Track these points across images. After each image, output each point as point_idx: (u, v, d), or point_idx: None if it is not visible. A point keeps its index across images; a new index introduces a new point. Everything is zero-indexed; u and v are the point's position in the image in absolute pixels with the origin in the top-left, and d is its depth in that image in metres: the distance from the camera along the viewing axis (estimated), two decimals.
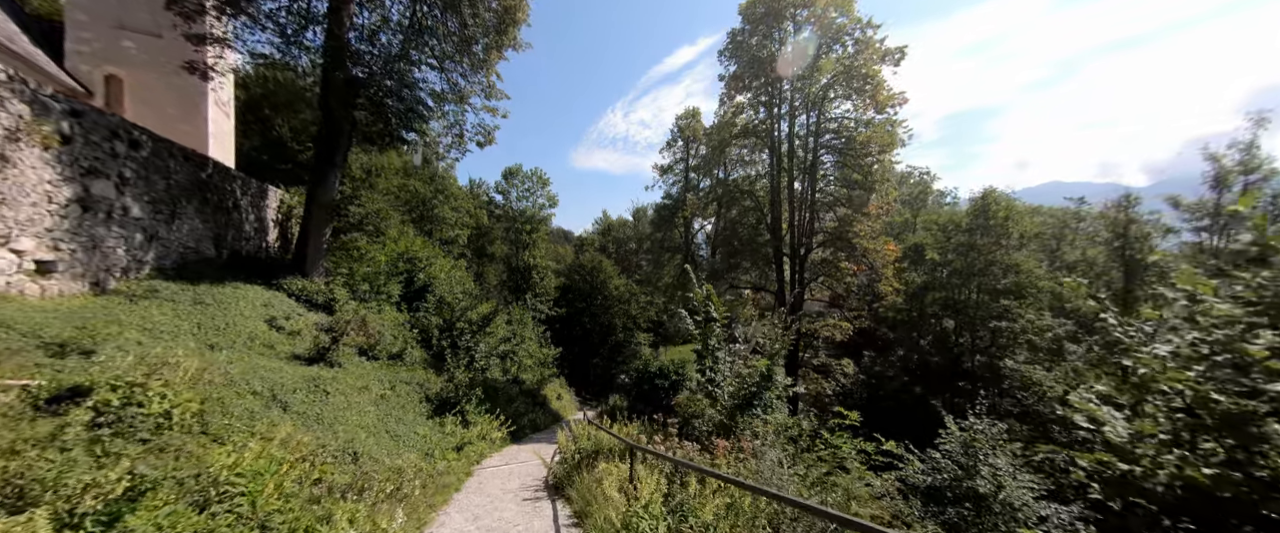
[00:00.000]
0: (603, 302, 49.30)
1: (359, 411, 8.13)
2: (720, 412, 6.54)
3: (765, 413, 6.57)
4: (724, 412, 6.46)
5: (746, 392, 6.60)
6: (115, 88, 17.11)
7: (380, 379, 9.80)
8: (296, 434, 5.11)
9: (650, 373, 12.62)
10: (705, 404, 7.83)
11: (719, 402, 6.78)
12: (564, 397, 25.34)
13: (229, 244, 11.61)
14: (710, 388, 7.09)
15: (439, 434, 9.36)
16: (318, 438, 6.10)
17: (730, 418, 6.44)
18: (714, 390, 7.00)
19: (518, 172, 44.81)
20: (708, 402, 6.97)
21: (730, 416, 6.46)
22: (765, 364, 6.61)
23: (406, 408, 9.53)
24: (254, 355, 8.14)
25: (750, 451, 5.45)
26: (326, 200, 11.66)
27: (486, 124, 16.77)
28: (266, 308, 9.96)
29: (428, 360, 13.35)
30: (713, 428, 6.63)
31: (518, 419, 13.85)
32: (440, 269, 18.23)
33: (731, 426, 6.42)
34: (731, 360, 7.18)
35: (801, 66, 20.22)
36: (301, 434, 5.24)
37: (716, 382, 6.93)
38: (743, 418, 6.41)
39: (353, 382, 8.87)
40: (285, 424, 5.60)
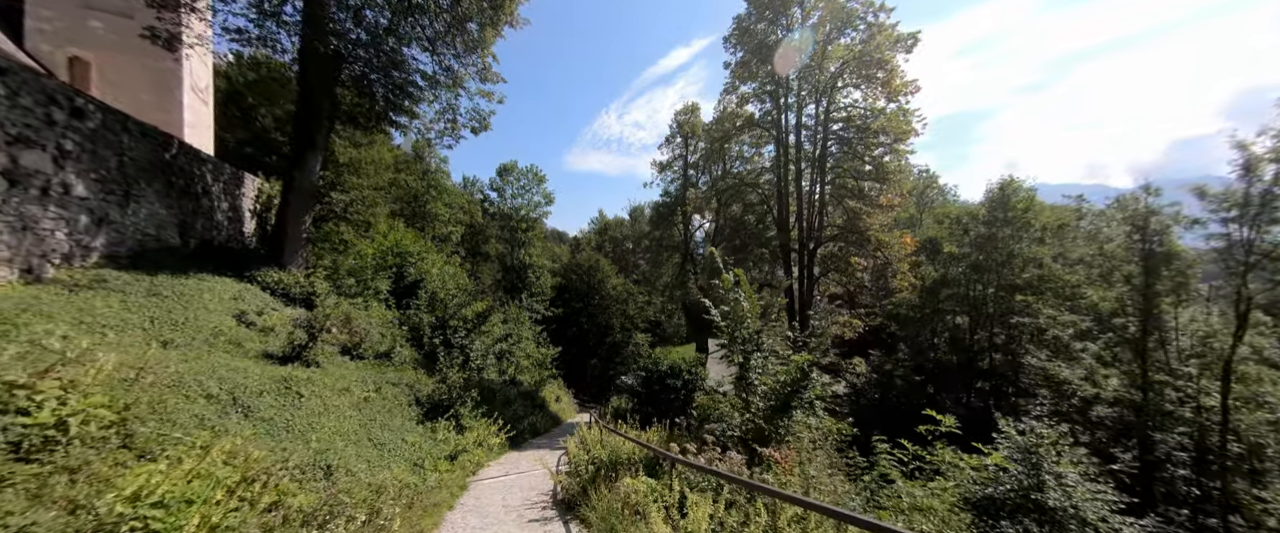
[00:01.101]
0: (600, 302, 48.40)
1: (338, 416, 7.13)
2: (755, 415, 5.65)
3: (805, 416, 5.68)
4: (761, 415, 5.57)
5: (783, 392, 5.72)
6: (81, 71, 15.93)
7: (364, 380, 8.79)
8: (248, 446, 4.12)
9: (660, 372, 11.67)
10: (728, 407, 6.93)
11: (752, 404, 5.88)
12: (563, 398, 24.35)
13: (198, 233, 10.56)
14: (741, 388, 6.18)
15: (430, 441, 8.37)
16: (281, 450, 5.11)
17: (768, 422, 5.55)
18: (745, 391, 6.10)
19: (513, 168, 43.76)
20: (738, 404, 6.07)
21: (768, 419, 5.57)
22: (806, 359, 5.73)
23: (394, 412, 8.53)
24: (217, 353, 7.12)
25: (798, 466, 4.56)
26: (306, 185, 10.63)
27: (481, 109, 15.80)
28: (236, 302, 8.94)
29: (419, 361, 12.34)
30: (745, 434, 5.73)
31: (516, 423, 12.87)
32: (432, 264, 17.22)
33: (767, 431, 5.53)
34: (764, 357, 6.29)
35: (810, 53, 19.43)
36: (254, 446, 4.25)
37: (749, 381, 6.04)
38: (782, 422, 5.51)
39: (332, 383, 7.87)
40: (239, 433, 4.61)
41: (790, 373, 5.75)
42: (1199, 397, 16.56)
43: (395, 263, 15.33)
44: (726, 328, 6.33)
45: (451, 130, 15.70)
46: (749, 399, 6.04)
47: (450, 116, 15.31)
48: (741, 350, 6.20)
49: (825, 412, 5.94)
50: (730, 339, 6.37)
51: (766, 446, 5.43)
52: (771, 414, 5.61)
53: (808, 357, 5.78)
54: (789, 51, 19.62)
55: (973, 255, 18.36)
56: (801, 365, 5.77)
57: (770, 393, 5.91)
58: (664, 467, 5.25)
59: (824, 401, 5.87)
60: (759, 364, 6.13)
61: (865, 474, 5.36)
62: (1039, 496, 6.37)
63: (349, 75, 11.91)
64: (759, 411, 5.69)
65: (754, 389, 6.03)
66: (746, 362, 6.13)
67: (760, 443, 5.76)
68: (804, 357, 5.76)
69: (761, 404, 5.80)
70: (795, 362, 5.77)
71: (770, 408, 5.66)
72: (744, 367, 6.15)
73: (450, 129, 15.69)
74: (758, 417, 5.64)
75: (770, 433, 5.46)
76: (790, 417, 5.62)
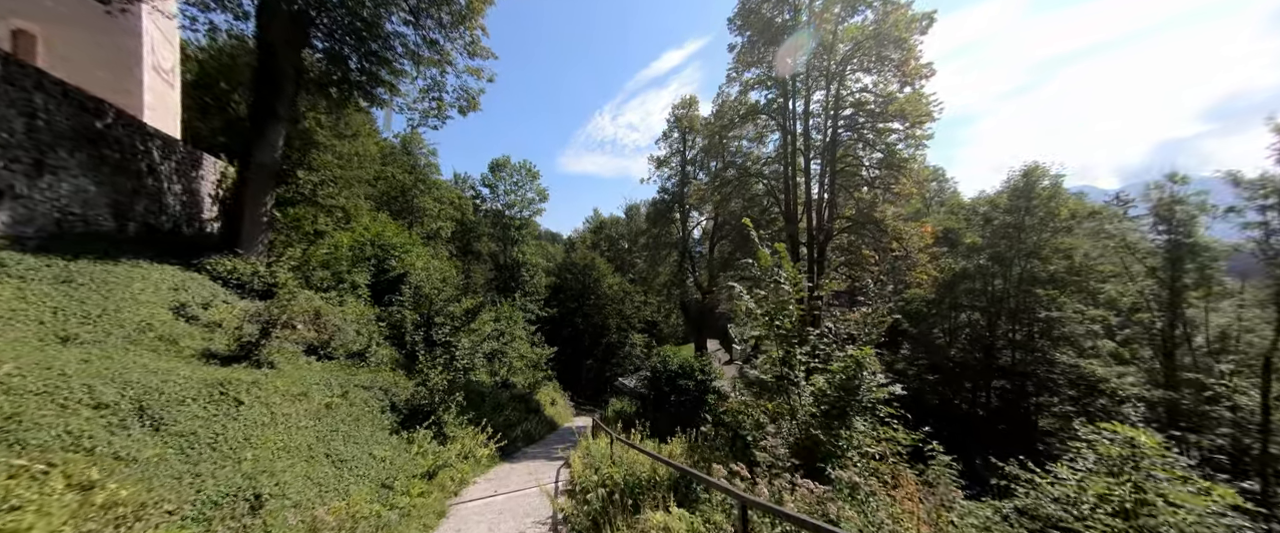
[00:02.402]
0: (596, 301, 47.20)
1: (287, 427, 5.85)
2: (808, 423, 4.47)
3: (868, 425, 4.50)
4: (817, 423, 4.39)
5: (836, 395, 4.55)
6: (25, 44, 14.42)
7: (328, 384, 7.50)
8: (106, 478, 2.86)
9: (669, 372, 10.47)
10: (759, 414, 5.75)
11: (799, 410, 4.70)
12: (558, 402, 23.05)
13: (139, 216, 9.21)
14: (781, 390, 5.01)
15: (404, 455, 7.10)
16: (189, 476, 3.85)
17: (825, 430, 4.38)
18: (787, 394, 4.92)
19: (506, 164, 42.38)
20: (781, 409, 4.89)
21: (825, 428, 4.39)
22: (868, 353, 4.57)
23: (362, 421, 7.25)
24: (138, 352, 5.82)
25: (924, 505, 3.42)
26: (266, 161, 9.32)
27: (470, 88, 14.55)
28: (176, 292, 7.62)
29: (399, 361, 11.04)
30: (793, 447, 4.56)
31: (508, 430, 11.60)
32: (417, 257, 15.89)
33: (824, 445, 4.36)
34: (809, 351, 5.11)
35: (820, 35, 18.34)
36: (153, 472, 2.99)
37: (794, 380, 4.87)
38: (843, 432, 4.35)
39: (286, 387, 6.57)
40: (132, 455, 3.35)
41: (846, 369, 4.60)
42: (1234, 396, 15.69)
43: (375, 255, 13.99)
44: (763, 317, 5.17)
45: (437, 110, 14.43)
46: (796, 404, 4.86)
47: (436, 94, 14.06)
48: (783, 344, 5.03)
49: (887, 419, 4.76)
50: (766, 330, 5.21)
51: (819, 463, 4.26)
52: (828, 423, 4.45)
53: (869, 350, 4.63)
54: (797, 33, 18.53)
55: (995, 246, 17.32)
56: (859, 359, 4.61)
57: (821, 396, 4.74)
58: (698, 492, 4.06)
59: (890, 404, 4.73)
60: (806, 360, 4.96)
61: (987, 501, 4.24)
62: (1151, 522, 5.20)
63: (320, 42, 10.63)
64: (815, 418, 4.51)
65: (801, 391, 4.85)
66: (789, 357, 4.96)
67: (810, 459, 4.58)
68: (867, 349, 4.61)
69: (815, 410, 4.61)
70: (854, 356, 4.61)
71: (825, 414, 4.50)
72: (787, 363, 4.98)
73: (436, 109, 14.41)
74: (812, 426, 4.47)
75: (828, 447, 4.29)
76: (849, 426, 4.46)
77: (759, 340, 5.54)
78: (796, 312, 5.16)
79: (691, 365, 10.24)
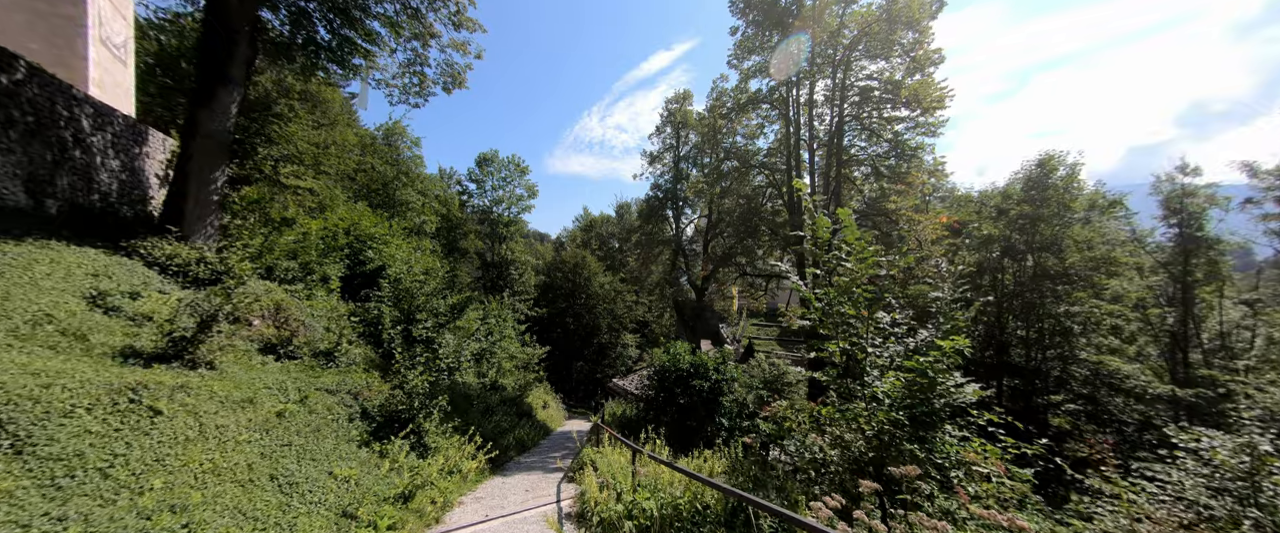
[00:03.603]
0: (587, 301, 46.08)
1: (221, 442, 4.65)
2: (887, 431, 3.46)
3: (968, 439, 3.52)
4: (905, 433, 3.39)
5: (919, 397, 3.56)
6: None
7: (283, 388, 6.28)
8: None
9: (680, 372, 9.39)
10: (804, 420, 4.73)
11: (874, 414, 3.68)
12: (551, 404, 21.85)
13: (62, 193, 7.84)
14: (843, 390, 4.00)
15: (375, 473, 5.92)
16: (16, 528, 2.68)
17: (914, 439, 3.40)
18: (856, 392, 3.90)
19: (493, 158, 40.94)
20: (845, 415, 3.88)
21: (915, 438, 3.41)
22: (963, 343, 3.59)
23: (323, 432, 6.04)
24: (29, 349, 4.57)
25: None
26: (216, 130, 8.03)
27: (455, 63, 13.36)
28: (95, 279, 6.32)
29: (374, 362, 9.79)
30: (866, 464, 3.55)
31: (499, 438, 10.43)
32: (397, 249, 14.60)
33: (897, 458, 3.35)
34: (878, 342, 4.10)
35: (826, 20, 17.53)
36: None
37: (861, 376, 3.87)
38: (937, 444, 3.37)
39: (227, 392, 5.35)
40: None
41: (933, 365, 3.60)
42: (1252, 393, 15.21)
43: (349, 245, 12.68)
44: (821, 302, 4.15)
45: (419, 86, 13.20)
46: (859, 410, 3.85)
47: (418, 68, 12.84)
48: (848, 334, 4.03)
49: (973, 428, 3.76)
50: (822, 317, 4.20)
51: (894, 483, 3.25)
52: (918, 427, 3.46)
53: (962, 339, 3.65)
54: (804, 15, 17.68)
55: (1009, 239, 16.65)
56: (951, 352, 3.62)
57: (899, 400, 3.74)
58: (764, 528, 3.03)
59: (989, 408, 3.76)
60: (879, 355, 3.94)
61: None
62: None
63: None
64: (901, 427, 3.49)
65: (872, 392, 3.84)
66: (856, 350, 3.95)
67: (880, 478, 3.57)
68: (961, 340, 3.62)
69: (895, 415, 3.59)
70: (944, 347, 3.62)
71: (912, 421, 3.50)
72: (852, 358, 3.98)
73: (418, 85, 13.19)
74: (898, 436, 3.46)
75: (924, 461, 3.31)
76: (939, 438, 3.47)
77: (814, 331, 4.52)
78: (865, 294, 4.15)
79: (705, 365, 9.19)
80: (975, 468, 3.39)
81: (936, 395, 3.66)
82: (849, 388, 4.14)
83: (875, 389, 3.93)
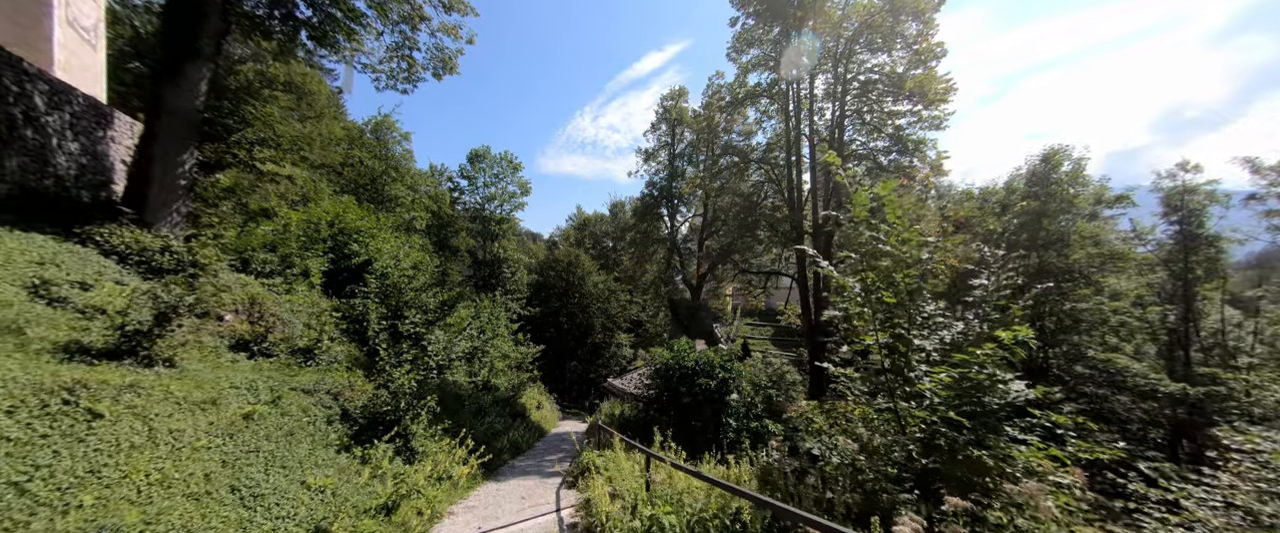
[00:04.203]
0: (580, 300, 45.46)
1: (175, 449, 4.06)
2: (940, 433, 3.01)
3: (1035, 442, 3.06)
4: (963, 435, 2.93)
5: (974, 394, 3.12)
6: None
7: (255, 388, 5.67)
8: None
9: (685, 370, 8.89)
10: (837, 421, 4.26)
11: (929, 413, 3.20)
12: (545, 405, 21.26)
13: (11, 175, 7.16)
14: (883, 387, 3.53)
15: (354, 481, 5.34)
16: None
17: (975, 444, 2.95)
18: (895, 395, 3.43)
19: (485, 154, 40.19)
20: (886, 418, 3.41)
21: (980, 443, 2.97)
22: (1026, 333, 3.15)
23: (297, 436, 5.45)
24: None
25: None
26: (183, 108, 7.39)
27: (445, 47, 12.76)
28: (41, 268, 5.68)
29: (358, 360, 9.18)
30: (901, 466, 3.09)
31: (493, 440, 9.87)
32: (385, 242, 13.94)
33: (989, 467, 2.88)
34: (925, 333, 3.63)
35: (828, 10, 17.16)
36: None
37: (903, 372, 3.39)
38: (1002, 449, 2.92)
39: (185, 392, 4.76)
40: None
41: (992, 358, 3.14)
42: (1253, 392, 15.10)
43: (332, 236, 12.03)
44: (860, 289, 3.68)
45: (408, 72, 12.58)
46: (908, 408, 3.39)
47: (407, 52, 12.22)
48: (889, 323, 3.56)
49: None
50: (863, 303, 3.72)
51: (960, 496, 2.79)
52: (981, 429, 3.00)
53: (1025, 331, 3.20)
54: (805, 6, 17.29)
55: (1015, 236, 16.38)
56: (1011, 343, 3.18)
57: (949, 399, 3.27)
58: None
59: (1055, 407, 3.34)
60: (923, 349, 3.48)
61: None
62: None
63: None
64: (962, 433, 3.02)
65: (918, 390, 3.38)
66: (901, 342, 3.48)
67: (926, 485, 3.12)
68: (1021, 330, 3.18)
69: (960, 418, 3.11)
70: (1003, 337, 3.17)
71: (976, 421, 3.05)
72: (895, 351, 3.51)
73: (407, 70, 12.57)
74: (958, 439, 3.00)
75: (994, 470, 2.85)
76: (1004, 442, 3.01)
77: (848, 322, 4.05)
78: (908, 280, 3.69)
79: (711, 362, 8.70)
80: (1051, 477, 2.94)
81: (994, 393, 3.21)
82: (889, 385, 3.68)
83: (921, 387, 3.47)
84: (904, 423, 3.50)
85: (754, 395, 9.08)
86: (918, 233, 3.76)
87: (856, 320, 3.94)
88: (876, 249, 3.89)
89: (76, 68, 13.96)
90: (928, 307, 3.79)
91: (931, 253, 4.02)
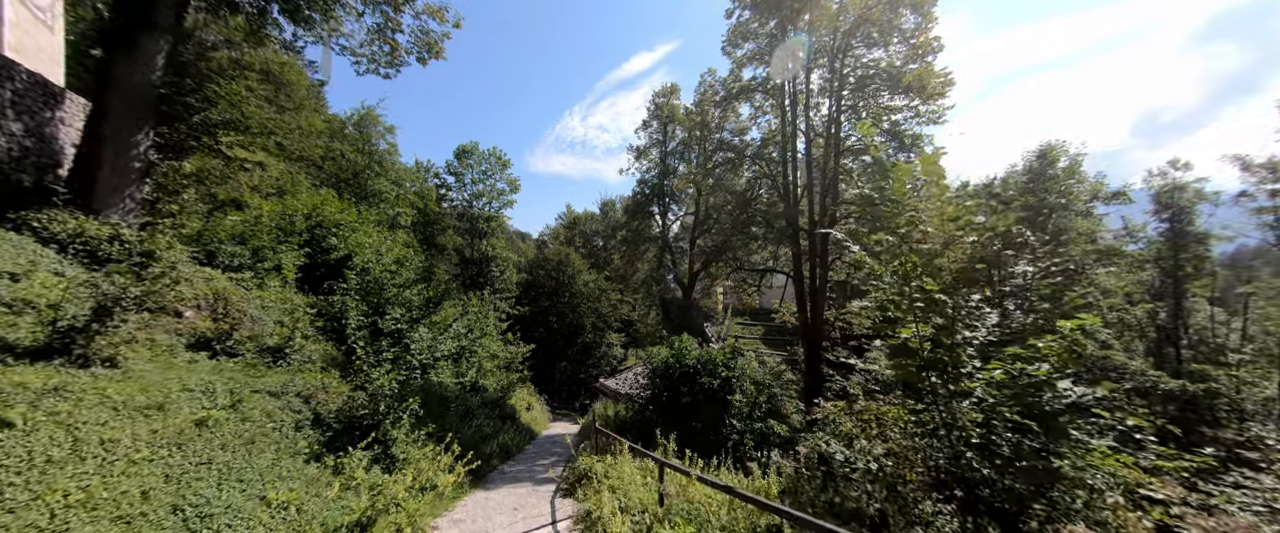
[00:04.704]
0: (570, 299, 44.79)
1: (105, 464, 3.47)
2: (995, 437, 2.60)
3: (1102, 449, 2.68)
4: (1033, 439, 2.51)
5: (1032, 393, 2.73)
6: None
7: (212, 390, 5.06)
8: None
9: (686, 369, 8.43)
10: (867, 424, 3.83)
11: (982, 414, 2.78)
12: (535, 406, 20.65)
13: None
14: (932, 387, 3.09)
15: (324, 495, 4.77)
16: None
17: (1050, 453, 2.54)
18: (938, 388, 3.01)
19: (473, 151, 39.33)
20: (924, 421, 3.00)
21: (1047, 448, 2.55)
22: (1094, 321, 2.77)
23: (260, 444, 4.86)
24: None
25: None
26: (137, 83, 6.72)
27: (431, 31, 12.13)
28: None
29: (336, 359, 8.54)
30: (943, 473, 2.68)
31: (481, 444, 9.29)
32: (367, 236, 13.25)
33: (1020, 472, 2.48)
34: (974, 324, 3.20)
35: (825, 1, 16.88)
36: None
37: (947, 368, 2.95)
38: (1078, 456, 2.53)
39: (127, 396, 4.15)
40: None
41: (1059, 351, 2.75)
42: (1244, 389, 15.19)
43: (309, 229, 11.33)
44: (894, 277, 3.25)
45: (390, 56, 11.92)
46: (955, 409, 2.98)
47: (390, 34, 11.57)
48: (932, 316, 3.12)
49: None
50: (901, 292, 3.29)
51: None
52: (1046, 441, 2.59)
53: (1093, 319, 2.82)
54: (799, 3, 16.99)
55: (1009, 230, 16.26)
56: (1074, 332, 2.79)
57: (1006, 397, 2.87)
58: None
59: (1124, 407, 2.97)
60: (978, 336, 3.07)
61: None
62: None
63: None
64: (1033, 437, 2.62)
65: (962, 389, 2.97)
66: (944, 333, 3.07)
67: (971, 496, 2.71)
68: (1089, 318, 2.80)
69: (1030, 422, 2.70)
70: (1065, 327, 2.78)
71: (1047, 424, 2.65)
72: (942, 344, 3.09)
73: (389, 55, 11.91)
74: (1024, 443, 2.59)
75: (1072, 481, 2.45)
76: (1081, 448, 2.61)
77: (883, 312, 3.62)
78: (956, 264, 3.28)
79: (714, 360, 8.26)
80: (1141, 491, 2.55)
81: (1058, 392, 2.81)
82: (932, 384, 3.26)
83: (969, 385, 3.05)
84: (951, 426, 3.09)
85: (758, 395, 8.67)
86: (967, 209, 3.37)
87: (894, 311, 3.52)
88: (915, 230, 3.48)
89: (30, 49, 12.97)
90: (974, 295, 3.39)
91: (978, 235, 3.63)
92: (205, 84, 8.58)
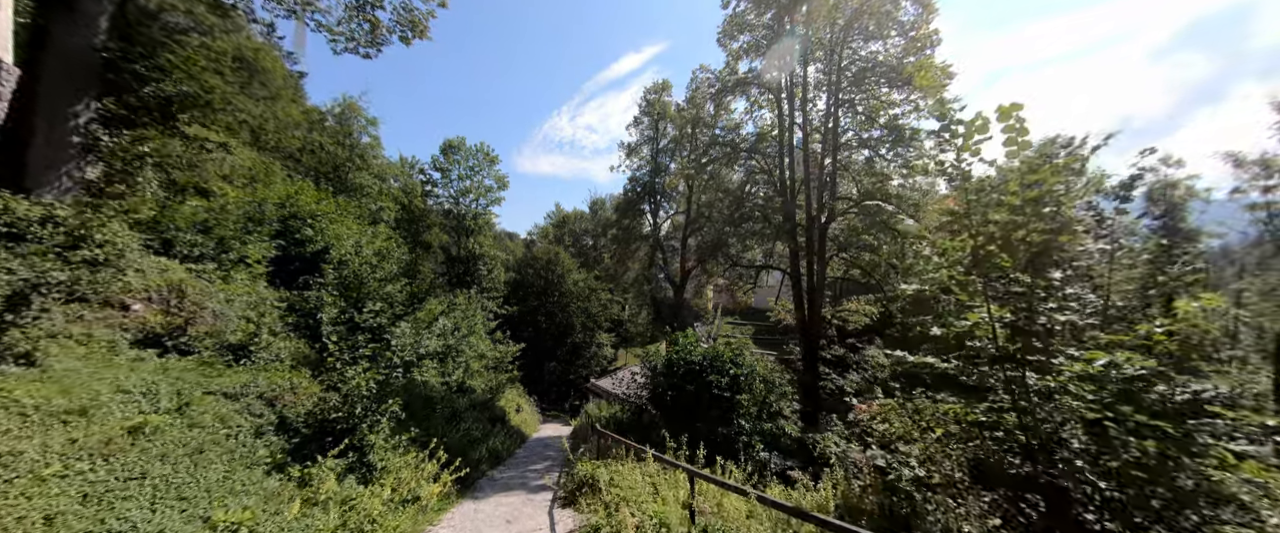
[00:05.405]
0: (559, 299, 44.05)
1: (1, 484, 2.77)
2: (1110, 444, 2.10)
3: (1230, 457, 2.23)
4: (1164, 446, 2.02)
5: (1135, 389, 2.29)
6: None
7: (153, 392, 4.35)
8: None
9: (692, 367, 7.88)
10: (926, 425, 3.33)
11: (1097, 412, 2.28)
12: (525, 408, 19.94)
13: None
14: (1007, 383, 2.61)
15: (284, 514, 4.09)
16: None
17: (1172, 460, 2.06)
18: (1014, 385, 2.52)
19: (460, 145, 38.27)
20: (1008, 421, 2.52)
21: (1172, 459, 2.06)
22: (1217, 302, 2.32)
23: (209, 454, 4.16)
24: None
25: None
26: (78, 47, 5.94)
27: (415, 8, 11.40)
28: None
29: (308, 358, 7.79)
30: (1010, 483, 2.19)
31: (469, 449, 8.61)
32: (346, 228, 12.45)
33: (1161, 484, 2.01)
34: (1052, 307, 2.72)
35: None
36: None
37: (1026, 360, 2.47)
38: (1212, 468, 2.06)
39: (42, 400, 3.44)
40: None
41: (1181, 336, 2.30)
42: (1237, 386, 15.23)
43: (281, 218, 10.52)
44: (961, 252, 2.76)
45: (371, 35, 11.16)
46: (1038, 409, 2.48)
47: (370, 11, 10.81)
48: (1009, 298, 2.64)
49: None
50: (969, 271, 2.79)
51: None
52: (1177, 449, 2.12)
53: (1215, 299, 2.38)
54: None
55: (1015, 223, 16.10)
56: (1192, 315, 2.34)
57: (1107, 394, 2.39)
58: None
59: None
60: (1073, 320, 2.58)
61: None
62: None
63: None
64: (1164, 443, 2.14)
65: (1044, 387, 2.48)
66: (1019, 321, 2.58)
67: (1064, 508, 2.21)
68: (1209, 298, 2.35)
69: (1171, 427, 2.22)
70: (1183, 309, 2.32)
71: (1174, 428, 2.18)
72: (1019, 330, 2.61)
73: (369, 33, 11.15)
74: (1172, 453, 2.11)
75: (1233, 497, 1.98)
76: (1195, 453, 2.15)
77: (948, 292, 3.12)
78: (1038, 234, 2.81)
79: (722, 357, 7.72)
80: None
81: (1176, 386, 2.34)
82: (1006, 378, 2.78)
83: (1061, 380, 2.56)
84: (1032, 430, 2.60)
85: (767, 394, 8.18)
86: (1054, 168, 2.90)
87: (960, 293, 3.03)
88: (990, 198, 3.00)
89: None
90: (1054, 273, 2.92)
91: (1057, 204, 3.16)
92: (158, 51, 7.75)
